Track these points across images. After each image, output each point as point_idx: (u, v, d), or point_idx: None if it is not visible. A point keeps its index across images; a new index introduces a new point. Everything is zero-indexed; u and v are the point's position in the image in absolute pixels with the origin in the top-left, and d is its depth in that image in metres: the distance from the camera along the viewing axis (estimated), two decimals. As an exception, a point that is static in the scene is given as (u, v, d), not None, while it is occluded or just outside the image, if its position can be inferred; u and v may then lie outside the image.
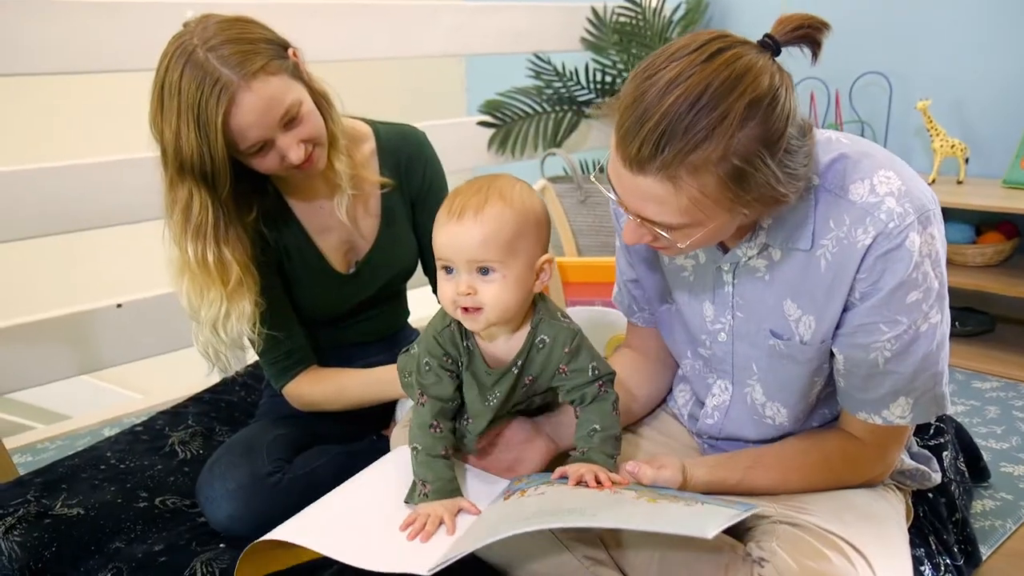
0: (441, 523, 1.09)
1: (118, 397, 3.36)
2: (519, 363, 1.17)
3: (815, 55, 0.98)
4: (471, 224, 1.08)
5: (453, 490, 1.14)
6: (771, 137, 0.90)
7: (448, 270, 1.12)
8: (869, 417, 1.10)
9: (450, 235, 1.09)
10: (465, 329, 1.17)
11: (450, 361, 1.18)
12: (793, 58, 0.98)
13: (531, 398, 1.25)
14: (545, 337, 1.17)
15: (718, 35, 0.93)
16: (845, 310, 1.05)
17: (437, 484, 1.13)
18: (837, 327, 1.06)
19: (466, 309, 1.11)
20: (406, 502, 1.15)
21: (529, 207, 1.12)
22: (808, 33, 0.96)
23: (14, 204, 1.98)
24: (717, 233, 0.99)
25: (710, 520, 0.91)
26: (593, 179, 1.08)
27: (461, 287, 1.09)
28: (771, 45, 0.95)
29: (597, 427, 1.15)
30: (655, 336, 1.35)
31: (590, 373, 1.17)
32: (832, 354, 1.10)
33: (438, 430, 1.17)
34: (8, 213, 1.98)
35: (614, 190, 1.00)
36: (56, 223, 2.05)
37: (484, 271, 1.10)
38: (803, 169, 0.95)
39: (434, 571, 1.00)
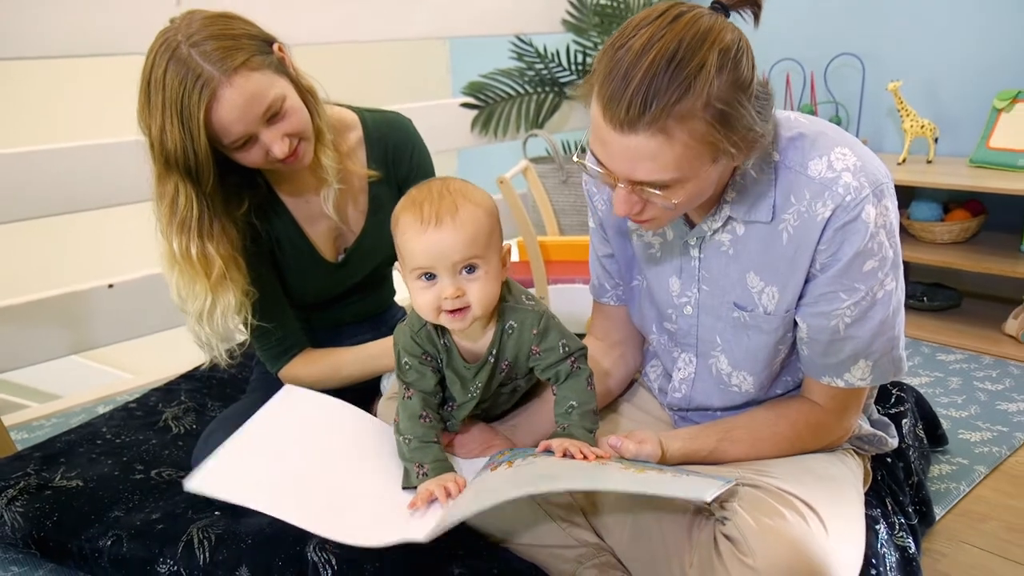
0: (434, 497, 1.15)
1: (107, 377, 3.40)
2: (493, 352, 1.22)
3: (756, 18, 1.04)
4: (451, 228, 1.10)
5: (447, 468, 1.20)
6: (744, 82, 0.97)
7: (428, 277, 1.13)
8: (832, 381, 1.17)
9: (432, 242, 1.10)
10: (441, 328, 1.21)
11: (429, 358, 1.23)
12: (771, 42, 1.04)
13: (515, 381, 1.30)
14: (513, 323, 1.21)
15: (675, 3, 1.00)
16: (807, 281, 1.11)
17: (434, 465, 1.19)
18: (800, 297, 1.13)
19: (452, 311, 1.13)
20: (404, 487, 1.20)
21: (490, 204, 1.16)
22: None
23: (6, 186, 2.02)
24: (703, 190, 1.05)
25: (705, 487, 0.99)
26: (575, 159, 1.13)
27: (448, 291, 1.11)
28: (721, 8, 1.02)
29: (574, 403, 1.20)
30: (621, 318, 1.40)
31: (560, 351, 1.21)
32: (795, 323, 1.16)
33: (428, 420, 1.22)
34: (1, 195, 2.02)
35: (600, 164, 1.04)
36: (48, 205, 2.09)
37: (470, 269, 1.12)
38: (770, 114, 1.03)
39: (431, 538, 1.06)
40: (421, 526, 1.10)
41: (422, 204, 1.12)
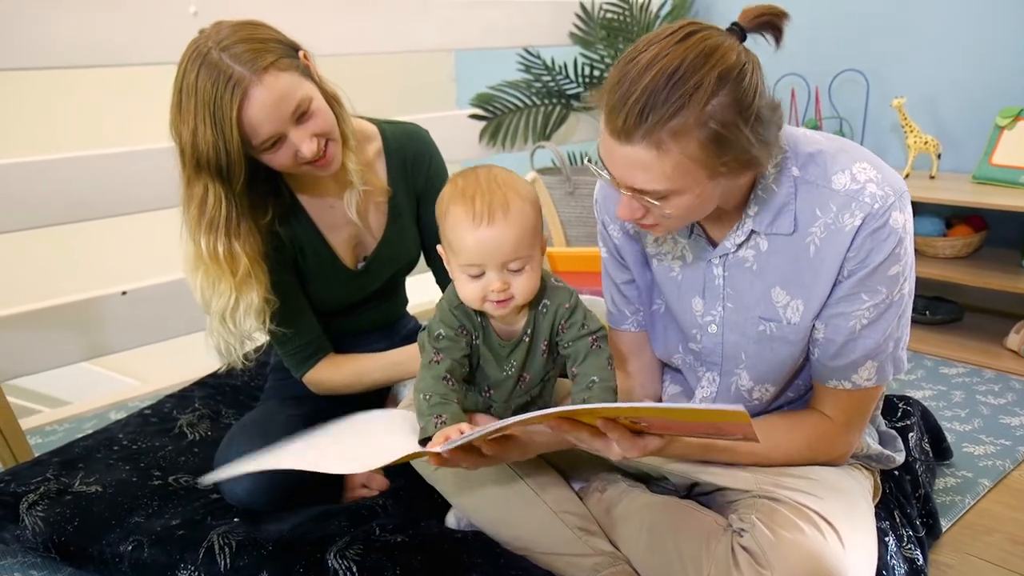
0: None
1: (114, 383, 3.42)
2: (528, 331, 1.24)
3: (777, 41, 1.08)
4: (503, 227, 1.12)
5: (464, 420, 1.17)
6: (742, 105, 0.99)
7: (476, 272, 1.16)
8: (839, 384, 1.19)
9: (483, 240, 1.12)
10: None
11: (464, 332, 1.23)
12: (776, 57, 1.07)
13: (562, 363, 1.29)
14: (546, 301, 1.23)
15: (690, 22, 1.03)
16: (833, 286, 1.14)
17: (452, 418, 1.15)
18: (824, 304, 1.15)
19: (496, 302, 1.16)
20: (421, 441, 1.17)
21: (534, 195, 1.19)
22: (769, 20, 1.06)
23: (21, 194, 2.04)
24: (702, 203, 1.07)
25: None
26: (587, 163, 1.16)
27: (495, 285, 1.14)
28: (737, 30, 1.05)
29: (595, 379, 1.19)
30: (639, 345, 1.40)
31: (581, 327, 1.23)
32: (813, 327, 1.18)
33: (450, 383, 1.21)
34: (16, 203, 2.03)
35: (607, 169, 1.08)
36: (63, 213, 2.10)
37: (517, 265, 1.15)
38: (775, 139, 1.06)
39: (446, 449, 1.06)
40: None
41: (473, 197, 1.13)
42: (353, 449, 1.21)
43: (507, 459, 1.21)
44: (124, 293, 2.24)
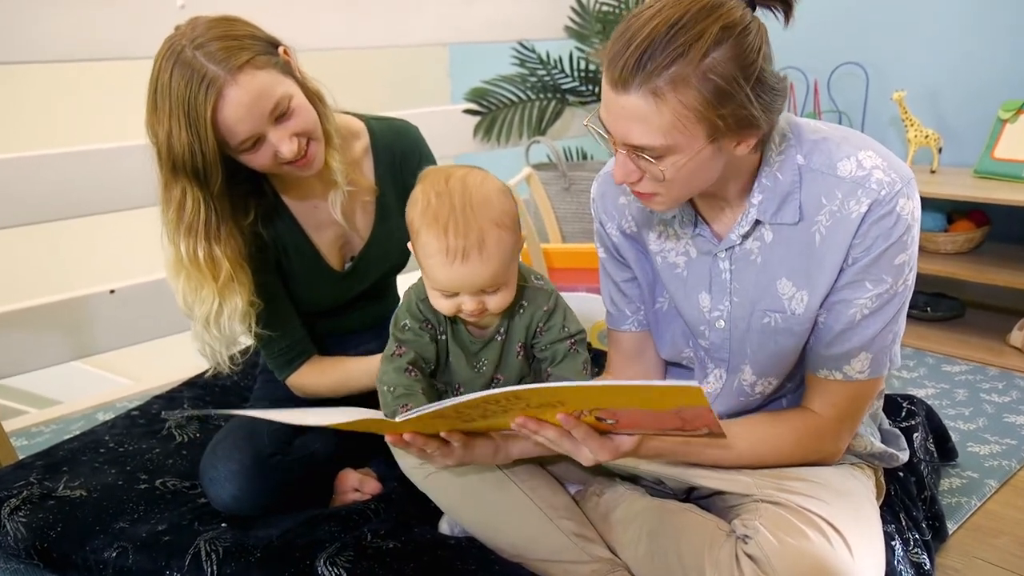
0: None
1: (105, 382, 3.38)
2: (502, 330, 1.21)
3: (787, 16, 1.04)
4: (478, 265, 1.09)
5: None
6: (744, 62, 0.96)
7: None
8: (830, 374, 1.16)
9: (458, 276, 1.09)
10: None
11: (429, 326, 1.21)
12: (774, 50, 1.03)
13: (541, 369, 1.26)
14: (524, 302, 1.20)
15: None
16: (839, 274, 1.11)
17: (418, 406, 1.11)
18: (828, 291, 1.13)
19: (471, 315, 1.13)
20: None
21: (510, 209, 1.13)
22: None
23: (8, 191, 2.00)
24: (699, 169, 1.03)
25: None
26: (585, 123, 1.11)
27: (470, 306, 1.12)
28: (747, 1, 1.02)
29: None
30: (639, 348, 1.36)
31: (561, 330, 1.20)
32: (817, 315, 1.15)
33: (413, 374, 1.18)
34: (2, 200, 2.00)
35: (605, 129, 1.04)
36: (50, 210, 2.07)
37: (492, 290, 1.13)
38: (778, 108, 1.03)
39: (403, 418, 1.03)
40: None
41: (447, 228, 1.08)
42: (313, 414, 1.20)
43: (475, 457, 1.17)
44: (112, 291, 2.20)
